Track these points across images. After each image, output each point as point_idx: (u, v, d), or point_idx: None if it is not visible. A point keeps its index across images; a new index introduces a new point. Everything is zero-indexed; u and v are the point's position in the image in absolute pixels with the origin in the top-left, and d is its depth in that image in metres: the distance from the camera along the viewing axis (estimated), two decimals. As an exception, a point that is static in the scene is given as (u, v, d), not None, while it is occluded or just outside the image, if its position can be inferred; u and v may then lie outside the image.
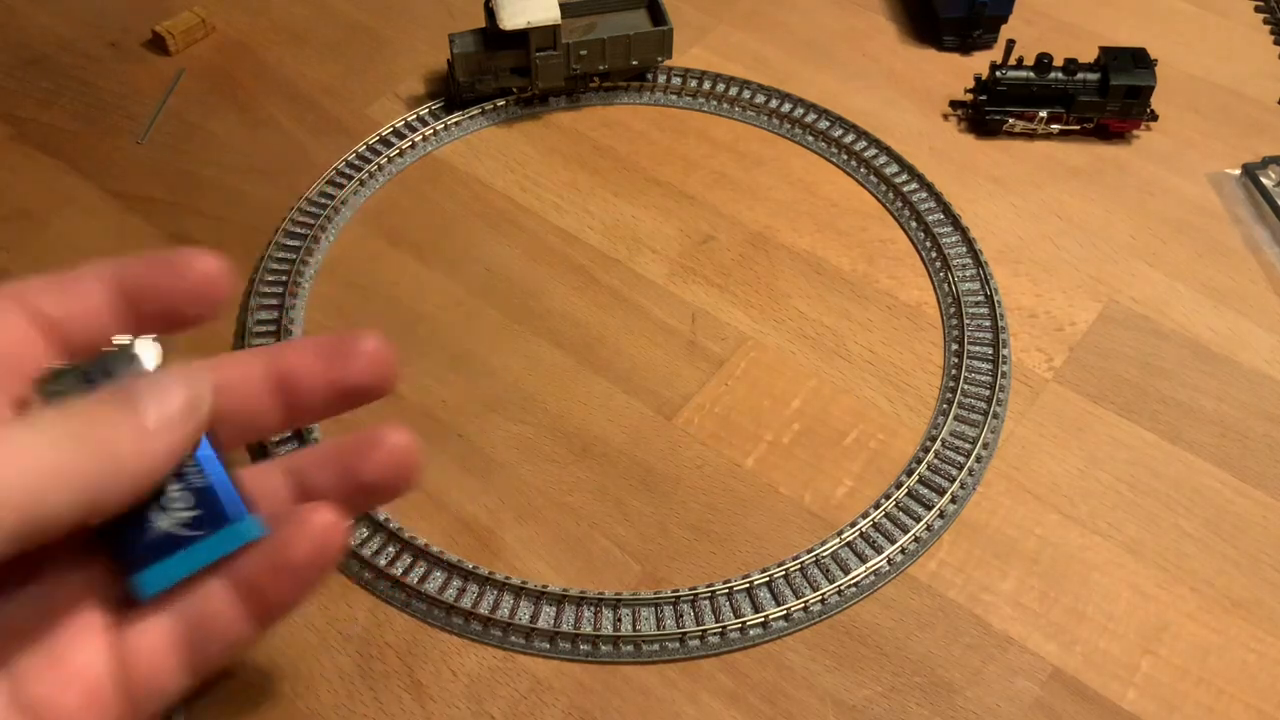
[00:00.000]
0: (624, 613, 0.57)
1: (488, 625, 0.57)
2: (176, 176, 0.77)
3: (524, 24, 0.76)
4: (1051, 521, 0.62)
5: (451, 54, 0.79)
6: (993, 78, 0.79)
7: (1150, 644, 0.57)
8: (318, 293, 0.71)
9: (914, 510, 0.61)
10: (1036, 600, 0.58)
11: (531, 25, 0.76)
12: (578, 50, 0.79)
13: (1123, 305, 0.72)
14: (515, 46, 0.78)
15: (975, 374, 0.67)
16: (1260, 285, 0.73)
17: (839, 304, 0.71)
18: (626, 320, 0.70)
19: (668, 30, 0.81)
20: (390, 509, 0.61)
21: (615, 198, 0.77)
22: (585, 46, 0.79)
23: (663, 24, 0.81)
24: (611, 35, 0.80)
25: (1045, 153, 0.81)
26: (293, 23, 0.89)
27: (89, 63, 0.85)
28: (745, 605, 0.58)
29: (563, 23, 0.77)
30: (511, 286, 0.72)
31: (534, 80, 0.80)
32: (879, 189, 0.78)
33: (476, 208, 0.76)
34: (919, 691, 0.55)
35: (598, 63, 0.81)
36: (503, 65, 0.80)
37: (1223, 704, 0.55)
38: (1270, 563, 0.60)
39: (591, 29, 0.79)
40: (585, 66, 0.81)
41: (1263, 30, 0.92)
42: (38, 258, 0.72)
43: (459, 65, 0.79)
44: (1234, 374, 0.68)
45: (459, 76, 0.79)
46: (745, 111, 0.83)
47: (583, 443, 0.64)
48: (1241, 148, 0.81)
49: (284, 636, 0.56)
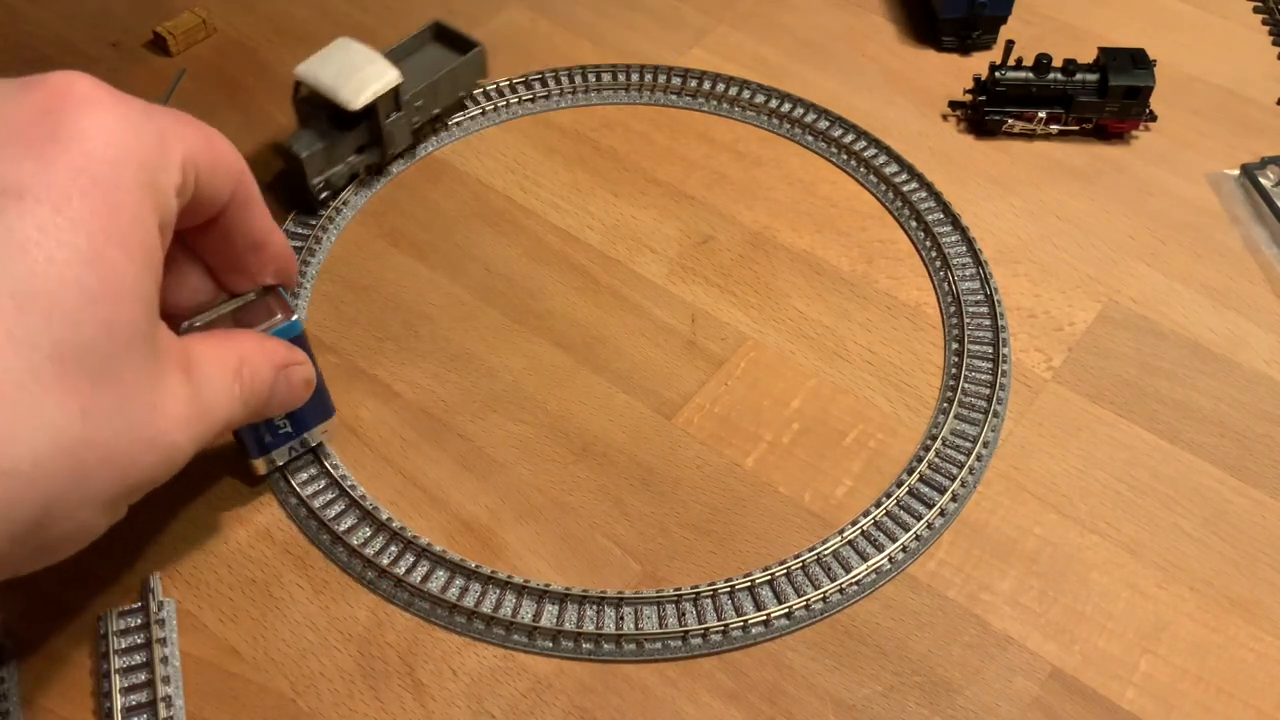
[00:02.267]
0: (626, 611, 0.57)
1: (490, 624, 0.57)
2: (177, 176, 0.77)
3: (372, 95, 0.71)
4: (1051, 521, 0.62)
5: (297, 160, 0.71)
6: (992, 78, 0.79)
7: (1149, 643, 0.57)
8: (319, 292, 0.71)
9: (914, 509, 0.61)
10: (1035, 600, 0.59)
11: (379, 94, 0.71)
12: (414, 103, 0.75)
13: (1122, 305, 0.72)
14: (361, 121, 0.73)
15: (975, 374, 0.67)
16: (1259, 285, 0.73)
17: (839, 304, 0.71)
18: (626, 320, 0.70)
19: (481, 49, 0.78)
20: (391, 508, 0.61)
21: (615, 198, 0.77)
22: (419, 96, 0.75)
23: (471, 46, 0.78)
24: (433, 77, 0.76)
25: (1044, 153, 0.81)
26: (293, 23, 0.89)
27: (90, 63, 0.85)
28: (747, 603, 0.58)
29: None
30: (511, 286, 0.72)
31: (385, 150, 0.75)
32: (879, 189, 0.78)
33: (476, 208, 0.76)
34: (918, 691, 0.55)
35: (432, 107, 0.77)
36: (350, 146, 0.74)
37: (1221, 703, 0.55)
38: (1269, 562, 0.60)
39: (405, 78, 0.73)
40: (422, 115, 0.77)
41: (1261, 31, 0.92)
42: (38, 258, 0.72)
43: (311, 167, 0.72)
44: (1233, 374, 0.68)
45: (312, 180, 0.72)
46: (745, 111, 0.83)
47: (583, 442, 0.64)
48: (1240, 148, 0.81)
49: (285, 636, 0.57)
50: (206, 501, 0.61)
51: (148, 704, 0.53)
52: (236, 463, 0.63)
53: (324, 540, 0.60)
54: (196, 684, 0.55)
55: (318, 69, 0.71)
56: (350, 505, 0.61)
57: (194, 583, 0.58)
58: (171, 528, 0.60)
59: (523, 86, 0.83)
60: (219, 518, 0.61)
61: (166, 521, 0.61)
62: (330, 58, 0.72)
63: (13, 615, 0.57)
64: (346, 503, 0.61)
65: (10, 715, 0.53)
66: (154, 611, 0.56)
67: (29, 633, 0.56)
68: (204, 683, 0.55)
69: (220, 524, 0.61)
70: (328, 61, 0.72)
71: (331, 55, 0.72)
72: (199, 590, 0.58)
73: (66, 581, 0.58)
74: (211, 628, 0.57)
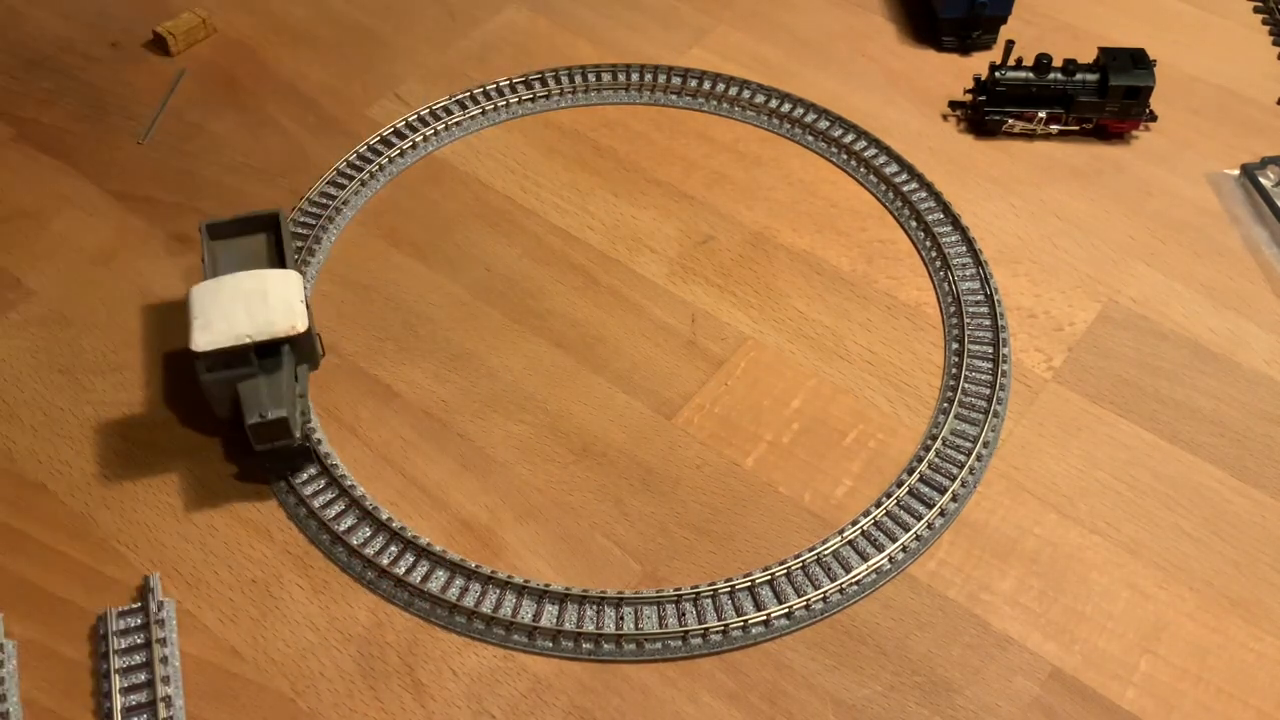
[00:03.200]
0: (626, 611, 0.57)
1: (490, 624, 0.57)
2: (177, 177, 0.77)
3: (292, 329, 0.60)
4: (1051, 521, 0.62)
5: (279, 422, 0.58)
6: (992, 78, 0.79)
7: (1149, 643, 0.57)
8: (319, 292, 0.71)
9: (915, 509, 0.61)
10: (1036, 600, 0.59)
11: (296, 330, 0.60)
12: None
13: (1122, 305, 0.72)
14: (279, 347, 0.61)
15: (975, 374, 0.67)
16: (1259, 285, 0.73)
17: (839, 304, 0.71)
18: (626, 320, 0.70)
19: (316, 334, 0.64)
20: (392, 508, 0.61)
21: (615, 198, 0.77)
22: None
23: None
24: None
25: (1044, 153, 0.81)
26: (293, 23, 0.89)
27: (90, 63, 0.85)
28: (747, 603, 0.58)
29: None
30: (511, 286, 0.72)
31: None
32: (879, 189, 0.78)
33: (476, 208, 0.76)
34: (918, 691, 0.55)
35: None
36: (290, 371, 0.61)
37: (1221, 703, 0.55)
38: (1269, 562, 0.60)
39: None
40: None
41: (1262, 31, 0.92)
42: (38, 258, 0.72)
43: (291, 421, 0.59)
44: (1233, 374, 0.68)
45: (295, 433, 0.60)
46: (745, 111, 0.83)
47: (583, 442, 0.64)
48: (1240, 148, 0.81)
49: (285, 636, 0.57)
50: (207, 502, 0.61)
51: (148, 704, 0.53)
52: (237, 463, 0.63)
53: (324, 540, 0.60)
54: (196, 684, 0.55)
55: (215, 332, 0.59)
56: (350, 505, 0.61)
57: (194, 583, 0.58)
58: (171, 528, 0.60)
59: (523, 86, 0.83)
60: (219, 518, 0.61)
61: (166, 521, 0.61)
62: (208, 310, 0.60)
63: (12, 615, 0.57)
64: (346, 503, 0.61)
65: (10, 715, 0.53)
66: (154, 611, 0.56)
67: (29, 633, 0.56)
68: (204, 683, 0.55)
69: (220, 524, 0.61)
70: (213, 317, 0.60)
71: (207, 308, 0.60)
72: (199, 590, 0.58)
73: (67, 581, 0.58)
74: (211, 628, 0.57)
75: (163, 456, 0.63)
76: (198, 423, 0.64)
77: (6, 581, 0.58)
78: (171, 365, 0.67)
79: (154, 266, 0.72)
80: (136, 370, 0.67)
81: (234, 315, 0.60)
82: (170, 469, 0.63)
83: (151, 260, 0.72)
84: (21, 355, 0.68)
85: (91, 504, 0.61)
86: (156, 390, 0.66)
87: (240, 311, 0.60)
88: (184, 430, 0.64)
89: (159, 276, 0.72)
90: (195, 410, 0.65)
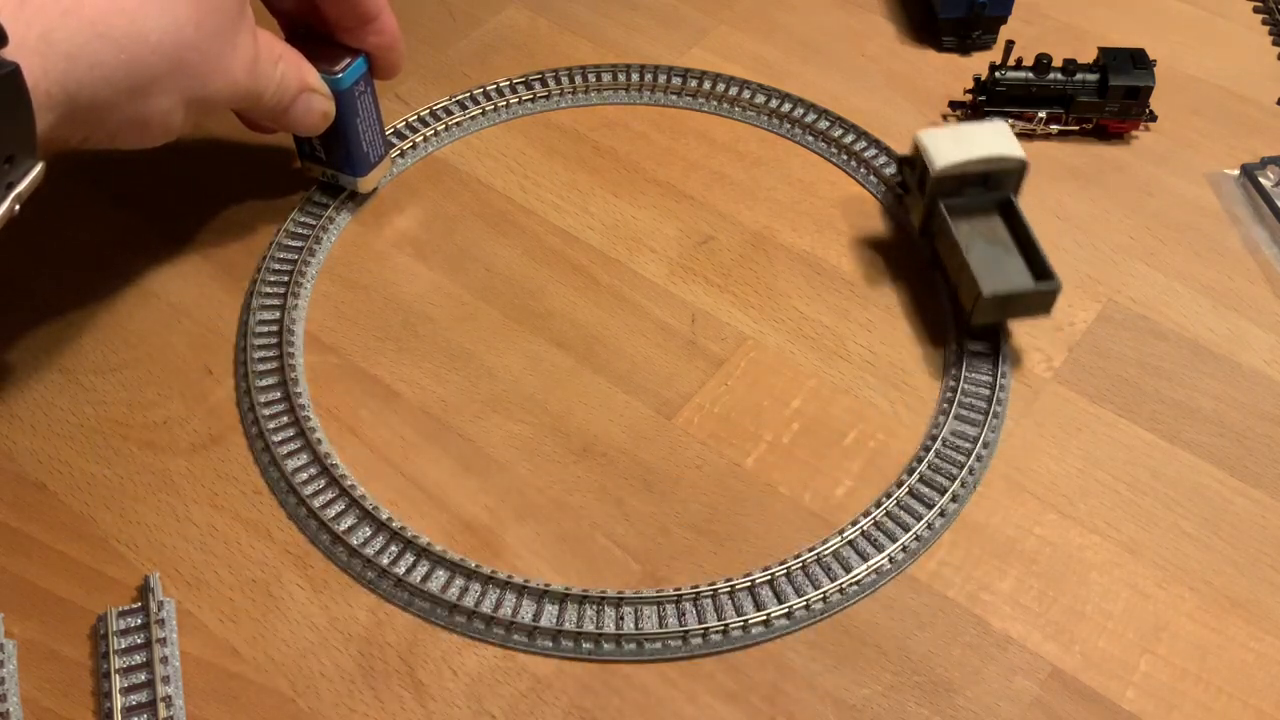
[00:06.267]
0: (626, 611, 0.57)
1: (490, 624, 0.57)
2: (177, 176, 0.77)
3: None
4: (1051, 521, 0.62)
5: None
6: (992, 78, 0.79)
7: (1149, 643, 0.57)
8: (319, 293, 0.71)
9: (914, 509, 0.61)
10: (1035, 600, 0.59)
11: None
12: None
13: (1121, 305, 0.72)
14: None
15: (975, 374, 0.67)
16: (1259, 285, 0.73)
17: (838, 304, 0.71)
18: (626, 320, 0.70)
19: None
20: (392, 508, 0.61)
21: (615, 198, 0.77)
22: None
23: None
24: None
25: (1044, 153, 0.81)
26: (293, 23, 0.89)
27: (89, 63, 0.85)
28: (747, 603, 0.58)
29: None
30: (511, 286, 0.72)
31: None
32: (879, 189, 0.78)
33: (476, 208, 0.76)
34: (918, 691, 0.55)
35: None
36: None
37: (1221, 703, 0.55)
38: (1269, 562, 0.60)
39: None
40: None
41: (1262, 31, 0.92)
42: (38, 258, 0.72)
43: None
44: (1233, 374, 0.68)
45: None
46: (745, 111, 0.83)
47: (583, 442, 0.64)
48: (1240, 148, 0.81)
49: (285, 635, 0.57)
50: (206, 501, 0.61)
51: (148, 704, 0.53)
52: (237, 461, 0.63)
53: (324, 540, 0.60)
54: (196, 684, 0.55)
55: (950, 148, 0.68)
56: (350, 505, 0.61)
57: (194, 583, 0.58)
58: (171, 528, 0.60)
59: (523, 86, 0.83)
60: (219, 518, 0.61)
61: (166, 521, 0.61)
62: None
63: (12, 615, 0.57)
64: (346, 503, 0.61)
65: (10, 715, 0.53)
66: (154, 611, 0.56)
67: (29, 633, 0.56)
68: (204, 683, 0.55)
69: (220, 524, 0.61)
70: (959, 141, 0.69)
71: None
72: (199, 590, 0.58)
73: (67, 581, 0.58)
74: (211, 628, 0.57)
75: (162, 456, 0.63)
76: (198, 422, 0.65)
77: (6, 581, 0.58)
78: (172, 365, 0.67)
79: (154, 266, 0.72)
80: (136, 370, 0.67)
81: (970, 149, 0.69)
82: (170, 469, 0.63)
83: (151, 260, 0.72)
84: (21, 355, 0.68)
85: (91, 504, 0.61)
86: (157, 390, 0.66)
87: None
88: (184, 429, 0.64)
89: (160, 276, 0.72)
90: (195, 409, 0.65)
